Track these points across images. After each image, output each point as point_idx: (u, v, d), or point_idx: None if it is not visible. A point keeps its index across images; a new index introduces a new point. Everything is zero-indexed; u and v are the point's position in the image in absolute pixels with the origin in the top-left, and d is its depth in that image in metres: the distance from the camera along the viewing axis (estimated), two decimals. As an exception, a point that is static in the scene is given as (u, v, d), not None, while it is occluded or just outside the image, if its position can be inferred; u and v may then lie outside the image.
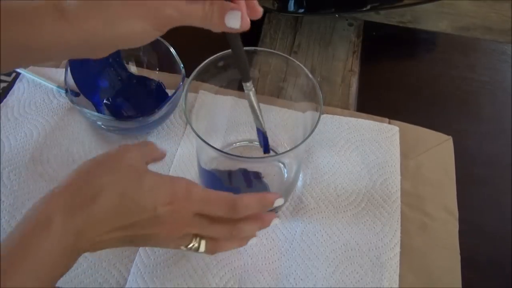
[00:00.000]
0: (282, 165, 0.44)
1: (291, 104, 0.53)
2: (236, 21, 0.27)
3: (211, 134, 0.44)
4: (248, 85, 0.32)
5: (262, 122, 0.36)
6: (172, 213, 0.29)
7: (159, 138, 0.49)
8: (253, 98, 0.34)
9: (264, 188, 0.41)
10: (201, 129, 0.38)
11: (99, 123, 0.47)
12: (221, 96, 0.44)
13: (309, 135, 0.33)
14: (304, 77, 0.37)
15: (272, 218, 0.34)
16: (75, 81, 0.46)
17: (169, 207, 0.28)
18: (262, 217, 0.34)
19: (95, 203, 0.27)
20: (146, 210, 0.28)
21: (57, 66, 0.55)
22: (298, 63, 0.37)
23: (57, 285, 0.28)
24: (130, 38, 0.27)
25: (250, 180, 0.40)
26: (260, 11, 0.29)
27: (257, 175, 0.40)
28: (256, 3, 0.29)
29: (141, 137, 0.49)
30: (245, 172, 0.40)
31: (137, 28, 0.26)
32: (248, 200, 0.31)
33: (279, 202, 0.32)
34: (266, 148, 0.38)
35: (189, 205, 0.30)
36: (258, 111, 0.35)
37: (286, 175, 0.44)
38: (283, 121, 0.50)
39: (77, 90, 0.47)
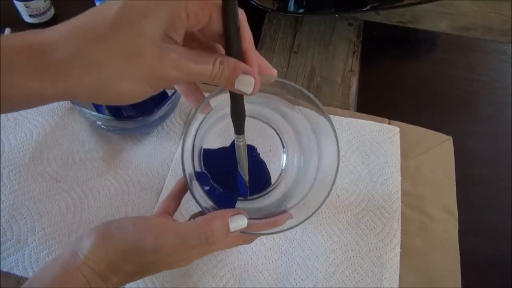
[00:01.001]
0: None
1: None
2: (248, 86, 0.25)
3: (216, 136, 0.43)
4: (240, 138, 0.31)
5: (246, 174, 0.35)
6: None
7: (159, 138, 0.49)
8: (242, 151, 0.32)
9: (260, 163, 0.40)
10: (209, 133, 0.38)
11: (99, 123, 0.47)
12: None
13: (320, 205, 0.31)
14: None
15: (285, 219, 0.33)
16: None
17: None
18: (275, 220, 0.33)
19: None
20: (161, 266, 0.31)
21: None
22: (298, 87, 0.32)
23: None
24: (124, 98, 0.24)
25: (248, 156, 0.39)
26: (275, 73, 0.28)
27: (253, 149, 0.39)
28: (269, 66, 0.27)
29: (141, 137, 0.49)
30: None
31: (134, 89, 0.24)
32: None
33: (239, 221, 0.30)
34: (244, 192, 0.37)
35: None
36: (245, 164, 0.34)
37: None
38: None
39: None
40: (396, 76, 0.59)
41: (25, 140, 0.48)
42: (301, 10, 0.61)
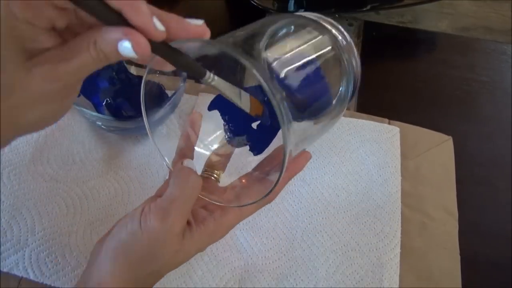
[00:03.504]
0: None
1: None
2: (129, 52, 0.21)
3: (210, 135, 0.42)
4: (208, 77, 0.25)
5: (244, 104, 0.29)
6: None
7: (159, 138, 0.49)
8: (223, 86, 0.27)
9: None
10: (201, 130, 0.37)
11: (99, 123, 0.47)
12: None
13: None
14: None
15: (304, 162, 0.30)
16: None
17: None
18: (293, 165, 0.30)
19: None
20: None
21: (93, 71, 0.54)
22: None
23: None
24: (37, 125, 0.23)
25: None
26: (206, 33, 0.23)
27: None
28: (190, 24, 0.23)
29: (141, 137, 0.49)
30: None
31: (41, 115, 0.23)
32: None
33: None
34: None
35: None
36: (237, 96, 0.28)
37: None
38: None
39: (77, 90, 0.47)
40: (396, 76, 0.59)
41: (25, 140, 0.48)
42: (301, 10, 0.61)
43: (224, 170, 0.36)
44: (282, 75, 0.28)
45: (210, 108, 0.34)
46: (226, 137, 0.35)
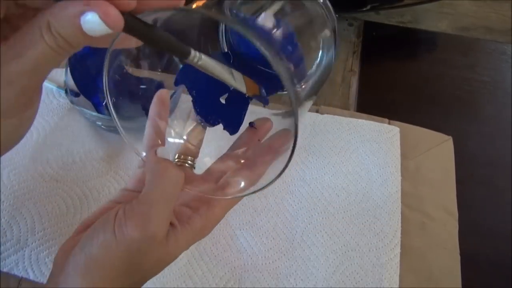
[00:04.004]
0: None
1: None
2: (99, 26, 0.16)
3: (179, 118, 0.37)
4: (193, 57, 0.22)
5: (239, 83, 0.26)
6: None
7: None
8: (212, 66, 0.23)
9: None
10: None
11: (99, 123, 0.47)
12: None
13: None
14: None
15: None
16: (75, 81, 0.46)
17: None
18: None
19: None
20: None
21: (56, 66, 0.54)
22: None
23: (48, 282, 0.26)
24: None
25: None
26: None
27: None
28: None
29: (141, 137, 0.49)
30: None
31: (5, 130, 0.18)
32: None
33: None
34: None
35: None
36: (231, 76, 0.25)
37: None
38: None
39: (77, 90, 0.47)
40: (396, 76, 0.59)
41: (25, 140, 0.48)
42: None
43: (198, 155, 0.32)
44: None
45: (177, 82, 0.30)
46: (196, 116, 0.32)
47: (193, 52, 0.22)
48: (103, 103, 0.50)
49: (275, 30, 0.26)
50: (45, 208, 0.43)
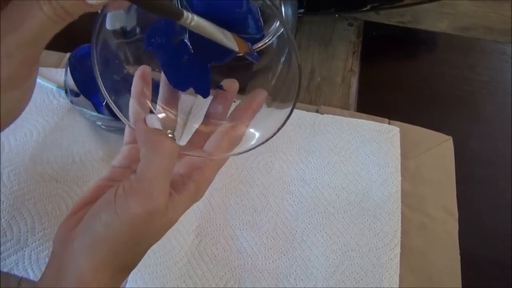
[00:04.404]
0: None
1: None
2: None
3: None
4: (186, 18, 0.22)
5: (235, 44, 0.26)
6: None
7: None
8: (205, 26, 0.23)
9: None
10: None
11: (99, 123, 0.47)
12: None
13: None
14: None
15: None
16: (75, 81, 0.46)
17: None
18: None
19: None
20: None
21: (56, 66, 0.55)
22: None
23: (50, 260, 0.27)
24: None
25: None
26: None
27: None
28: None
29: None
30: None
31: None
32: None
33: None
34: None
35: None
36: (218, 33, 0.25)
37: None
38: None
39: (77, 90, 0.47)
40: (396, 76, 0.59)
41: (25, 140, 0.48)
42: (301, 10, 0.61)
43: (176, 127, 0.33)
44: None
45: (146, 47, 0.30)
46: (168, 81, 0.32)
47: (185, 13, 0.22)
48: (103, 103, 0.50)
49: None
50: (45, 208, 0.43)
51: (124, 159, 0.30)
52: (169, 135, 0.31)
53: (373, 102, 0.55)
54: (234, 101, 0.31)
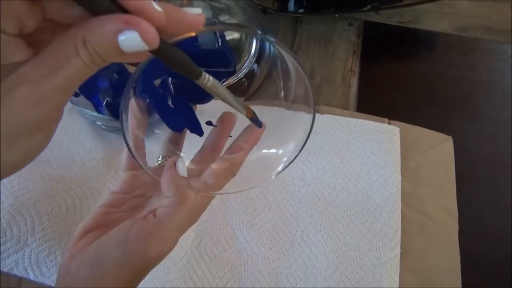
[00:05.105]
0: None
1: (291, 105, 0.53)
2: (138, 43, 0.16)
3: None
4: (203, 78, 0.23)
5: (243, 108, 0.27)
6: None
7: (158, 138, 0.49)
8: (219, 88, 0.24)
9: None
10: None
11: (99, 123, 0.47)
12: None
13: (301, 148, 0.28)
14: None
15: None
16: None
17: None
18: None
19: None
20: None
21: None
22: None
23: (56, 285, 0.27)
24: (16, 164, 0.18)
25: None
26: (198, 21, 0.18)
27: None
28: (188, 15, 0.18)
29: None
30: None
31: (23, 149, 0.18)
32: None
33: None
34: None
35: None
36: (230, 96, 0.26)
37: None
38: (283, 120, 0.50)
39: (77, 90, 0.47)
40: (396, 76, 0.59)
41: (25, 140, 0.48)
42: (301, 10, 0.61)
43: (180, 156, 0.34)
44: None
45: (139, 93, 0.30)
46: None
47: (203, 74, 0.23)
48: (103, 103, 0.50)
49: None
50: (45, 208, 0.43)
51: (125, 185, 0.31)
52: (159, 160, 0.32)
53: (373, 102, 0.55)
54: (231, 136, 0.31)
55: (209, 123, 0.31)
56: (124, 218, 0.27)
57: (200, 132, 0.31)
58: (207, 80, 0.23)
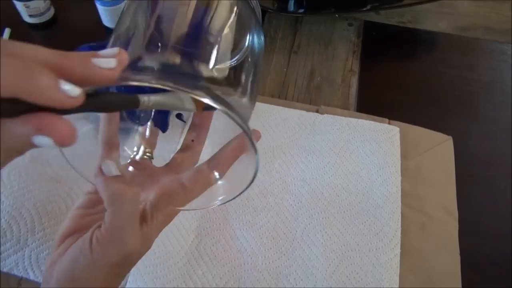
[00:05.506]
0: None
1: (291, 103, 0.53)
2: (45, 142, 0.15)
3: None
4: (143, 103, 0.22)
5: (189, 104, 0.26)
6: None
7: (158, 138, 0.49)
8: (164, 102, 0.24)
9: None
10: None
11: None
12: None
13: None
14: None
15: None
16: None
17: None
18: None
19: None
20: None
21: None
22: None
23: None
24: None
25: None
26: (108, 77, 0.17)
27: None
28: (99, 69, 0.17)
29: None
30: None
31: None
32: None
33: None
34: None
35: None
36: (176, 102, 0.25)
37: None
38: (283, 120, 0.50)
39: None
40: (396, 76, 0.59)
41: (25, 140, 0.48)
42: (301, 10, 0.61)
43: (155, 146, 0.35)
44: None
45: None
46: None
47: (141, 99, 0.22)
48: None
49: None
50: (45, 208, 0.43)
51: None
52: (147, 154, 0.33)
53: (373, 102, 0.55)
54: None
55: (179, 116, 0.31)
56: (98, 219, 0.27)
57: (165, 127, 0.30)
58: (148, 101, 0.22)
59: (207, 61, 0.26)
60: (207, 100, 0.20)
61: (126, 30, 0.26)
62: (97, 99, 0.18)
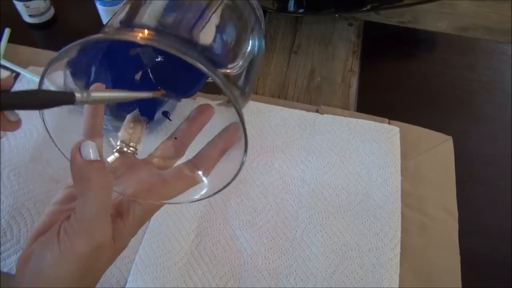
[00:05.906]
0: None
1: (291, 103, 0.53)
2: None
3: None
4: (80, 98, 0.22)
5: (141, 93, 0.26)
6: None
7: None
8: (105, 96, 0.25)
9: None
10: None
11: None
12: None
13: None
14: None
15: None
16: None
17: None
18: None
19: None
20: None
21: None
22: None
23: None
24: None
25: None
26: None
27: None
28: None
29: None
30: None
31: None
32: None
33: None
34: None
35: None
36: (122, 94, 0.25)
37: None
38: (283, 120, 0.50)
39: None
40: (396, 76, 0.59)
41: (25, 140, 0.48)
42: (301, 10, 0.62)
43: (140, 140, 0.34)
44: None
45: (101, 63, 0.29)
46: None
47: (77, 95, 0.21)
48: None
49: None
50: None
51: None
52: (131, 148, 0.32)
53: (373, 102, 0.55)
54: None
55: (165, 113, 0.31)
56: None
57: (151, 117, 0.30)
58: (87, 96, 0.22)
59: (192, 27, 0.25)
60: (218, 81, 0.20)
61: None
62: (20, 96, 0.18)
